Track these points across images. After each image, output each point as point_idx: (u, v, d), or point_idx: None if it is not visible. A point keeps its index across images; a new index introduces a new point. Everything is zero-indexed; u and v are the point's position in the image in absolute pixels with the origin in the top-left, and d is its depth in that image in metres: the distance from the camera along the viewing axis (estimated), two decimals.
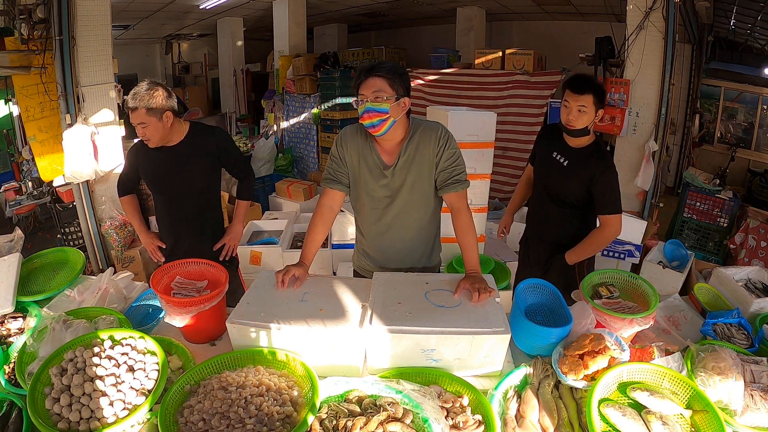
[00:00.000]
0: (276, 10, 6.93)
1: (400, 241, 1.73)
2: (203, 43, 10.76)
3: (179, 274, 1.69)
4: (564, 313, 1.43)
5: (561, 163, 1.97)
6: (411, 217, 1.69)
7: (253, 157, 6.20)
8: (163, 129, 1.95)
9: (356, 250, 1.90)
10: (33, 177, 4.59)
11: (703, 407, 1.16)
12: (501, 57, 5.31)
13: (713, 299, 1.83)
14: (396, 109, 1.52)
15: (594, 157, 1.92)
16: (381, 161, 1.64)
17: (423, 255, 1.78)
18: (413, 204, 1.67)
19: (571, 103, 1.84)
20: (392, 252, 1.75)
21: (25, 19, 3.26)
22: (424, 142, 1.61)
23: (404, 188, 1.64)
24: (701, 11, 4.69)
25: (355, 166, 1.68)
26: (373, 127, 1.53)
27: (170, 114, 1.95)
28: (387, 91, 1.50)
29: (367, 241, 1.79)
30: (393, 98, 1.50)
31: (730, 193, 4.09)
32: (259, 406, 1.12)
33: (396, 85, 1.51)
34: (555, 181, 2.01)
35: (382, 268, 1.74)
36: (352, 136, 1.68)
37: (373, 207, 1.70)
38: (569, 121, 1.87)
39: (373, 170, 1.65)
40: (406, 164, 1.62)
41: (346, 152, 1.68)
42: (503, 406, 1.24)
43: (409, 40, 8.93)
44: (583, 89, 1.82)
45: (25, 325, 1.59)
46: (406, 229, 1.71)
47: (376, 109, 1.50)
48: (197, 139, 2.06)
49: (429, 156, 1.61)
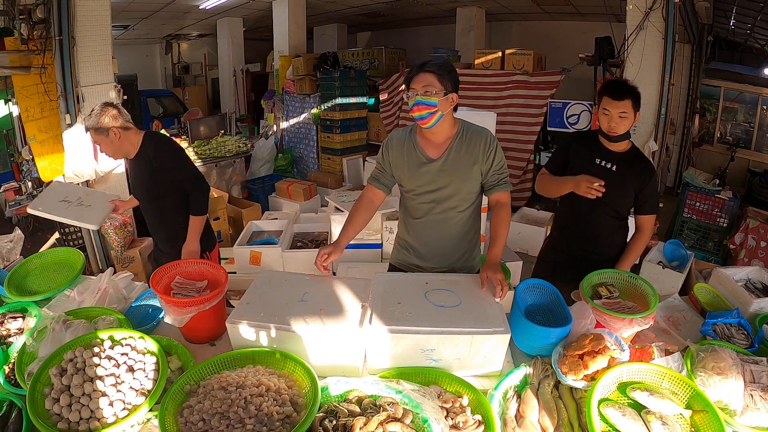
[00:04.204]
0: (276, 10, 6.93)
1: (445, 237, 1.77)
2: (203, 43, 10.77)
3: (179, 274, 1.70)
4: (564, 313, 1.43)
5: (609, 169, 1.90)
6: (456, 214, 1.74)
7: (253, 157, 6.20)
8: (113, 145, 2.11)
9: (397, 245, 1.93)
10: (33, 177, 4.57)
11: (703, 407, 1.16)
12: (501, 57, 5.31)
13: (713, 299, 1.83)
14: (444, 103, 1.59)
15: (639, 160, 1.92)
16: (425, 155, 1.70)
17: (466, 252, 1.82)
18: (459, 201, 1.73)
19: (611, 110, 1.82)
20: (437, 247, 1.79)
21: (25, 19, 3.26)
22: (474, 144, 1.67)
23: (451, 185, 1.70)
24: (701, 11, 4.69)
25: (400, 166, 1.75)
26: (422, 119, 1.60)
27: (117, 131, 2.09)
28: (436, 85, 1.57)
29: (413, 235, 1.83)
30: (442, 93, 1.57)
31: (729, 193, 4.09)
32: (258, 406, 1.12)
33: (445, 80, 1.58)
34: (608, 186, 1.87)
35: (426, 263, 1.80)
36: (398, 139, 1.77)
37: (421, 201, 1.76)
38: (611, 128, 1.84)
39: (416, 164, 1.71)
40: (456, 161, 1.68)
41: (390, 155, 1.76)
42: (503, 406, 1.24)
43: (409, 40, 8.94)
44: (622, 95, 1.80)
45: (24, 325, 1.59)
46: (451, 225, 1.76)
47: (425, 102, 1.57)
48: (142, 151, 2.18)
49: (478, 158, 1.67)
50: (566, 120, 4.67)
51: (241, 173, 5.58)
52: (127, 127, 2.13)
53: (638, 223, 1.97)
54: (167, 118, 8.75)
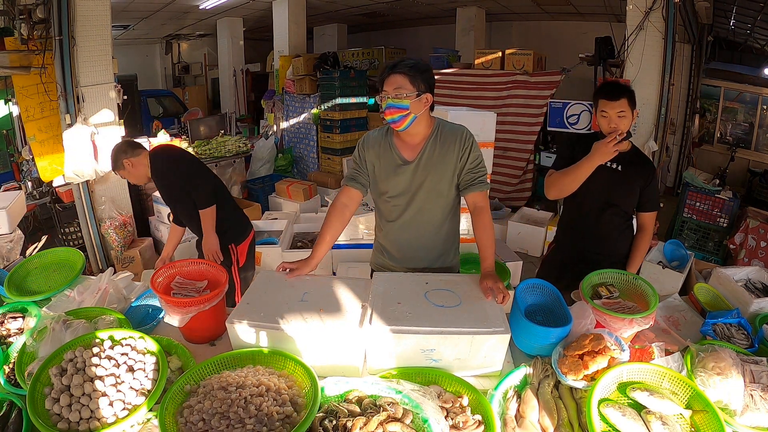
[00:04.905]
0: (276, 10, 6.93)
1: (420, 238, 1.75)
2: (203, 43, 10.77)
3: (179, 274, 1.70)
4: (564, 313, 1.43)
5: (615, 170, 1.91)
6: (431, 215, 1.72)
7: (253, 157, 6.20)
8: (132, 174, 2.42)
9: (375, 249, 1.91)
10: (33, 177, 4.57)
11: (703, 407, 1.16)
12: (501, 57, 5.31)
13: (713, 299, 1.83)
14: (417, 105, 1.56)
15: (640, 158, 1.93)
16: (401, 157, 1.67)
17: (442, 254, 1.79)
18: (433, 202, 1.70)
19: (609, 112, 1.82)
20: (411, 249, 1.77)
21: (25, 19, 3.27)
22: (448, 143, 1.64)
23: (425, 186, 1.67)
24: (701, 11, 4.69)
25: (374, 164, 1.72)
26: (394, 123, 1.58)
27: (128, 161, 2.36)
28: (407, 87, 1.53)
29: (387, 238, 1.81)
30: (414, 95, 1.54)
31: (729, 193, 4.09)
32: (258, 406, 1.12)
33: (417, 81, 1.54)
34: (616, 187, 1.92)
35: (401, 265, 1.77)
36: (374, 138, 1.73)
37: (394, 204, 1.73)
38: (612, 130, 1.83)
39: (392, 166, 1.68)
40: (429, 162, 1.65)
41: (366, 153, 1.73)
42: (503, 406, 1.24)
43: (409, 40, 8.94)
44: (618, 95, 1.80)
45: (24, 325, 1.59)
46: (425, 226, 1.73)
47: (396, 105, 1.54)
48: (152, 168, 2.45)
49: (452, 157, 1.64)
50: (566, 120, 4.67)
51: (241, 173, 5.58)
52: (138, 153, 2.39)
53: (640, 221, 1.98)
54: (167, 118, 8.75)
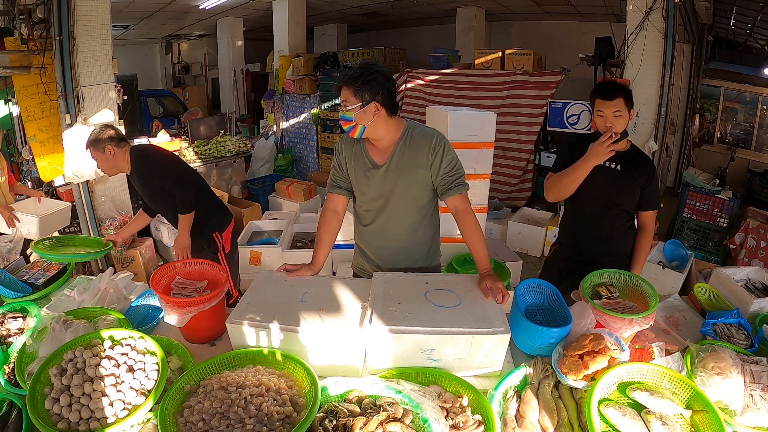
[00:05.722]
0: (276, 10, 6.94)
1: (396, 241, 1.75)
2: (203, 43, 10.77)
3: (179, 274, 1.70)
4: (564, 313, 1.43)
5: (614, 169, 1.91)
6: (405, 218, 1.72)
7: (253, 157, 6.20)
8: (108, 162, 2.34)
9: (355, 251, 1.92)
10: (33, 177, 4.57)
11: (703, 407, 1.16)
12: (501, 57, 5.32)
13: (713, 299, 1.83)
14: (362, 116, 1.56)
15: (640, 157, 1.93)
16: (371, 161, 1.68)
17: (420, 256, 1.79)
18: (407, 206, 1.70)
19: (605, 111, 1.81)
20: (388, 253, 1.77)
21: (25, 19, 3.26)
22: (417, 147, 1.63)
23: (396, 190, 1.67)
24: (701, 11, 4.69)
25: (350, 168, 1.73)
26: (349, 132, 1.61)
27: (111, 148, 2.30)
28: (351, 100, 1.55)
29: (364, 241, 1.82)
30: (357, 107, 1.55)
31: (729, 193, 4.09)
32: (258, 406, 1.12)
33: (362, 92, 1.54)
34: (617, 186, 1.91)
35: (379, 268, 1.77)
36: (347, 142, 1.73)
37: (368, 208, 1.74)
38: (609, 128, 1.82)
39: (364, 170, 1.69)
40: (399, 166, 1.64)
41: (342, 157, 1.74)
42: (503, 406, 1.24)
43: (409, 40, 8.94)
44: (613, 94, 1.80)
45: (25, 325, 1.59)
46: (400, 230, 1.73)
47: (344, 117, 1.59)
48: (133, 165, 2.39)
49: (422, 162, 1.63)
50: (566, 120, 4.67)
51: (241, 173, 5.58)
52: (122, 146, 2.33)
53: (641, 220, 1.97)
54: (167, 118, 8.75)
